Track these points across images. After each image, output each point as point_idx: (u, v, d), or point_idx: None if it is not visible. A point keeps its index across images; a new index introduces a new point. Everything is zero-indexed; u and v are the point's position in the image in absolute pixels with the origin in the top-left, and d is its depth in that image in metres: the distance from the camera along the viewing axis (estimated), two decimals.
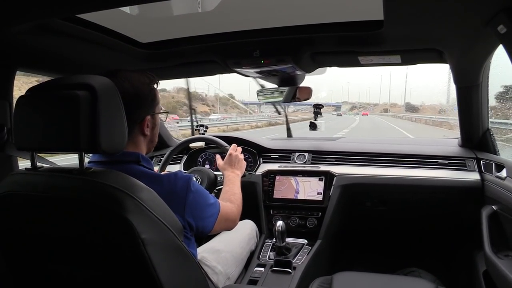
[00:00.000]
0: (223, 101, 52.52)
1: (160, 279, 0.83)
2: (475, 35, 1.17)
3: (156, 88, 1.10)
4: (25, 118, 0.87)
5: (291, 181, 2.00)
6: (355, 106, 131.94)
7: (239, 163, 1.55)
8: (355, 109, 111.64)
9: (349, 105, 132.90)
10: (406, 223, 2.11)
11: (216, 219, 1.12)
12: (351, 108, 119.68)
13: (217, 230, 1.16)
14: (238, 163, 1.54)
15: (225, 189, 1.38)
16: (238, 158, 1.56)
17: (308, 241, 1.84)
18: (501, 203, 1.49)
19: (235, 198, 1.32)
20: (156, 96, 1.09)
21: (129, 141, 1.02)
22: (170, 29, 1.43)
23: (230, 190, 1.37)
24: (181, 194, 1.01)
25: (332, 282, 1.28)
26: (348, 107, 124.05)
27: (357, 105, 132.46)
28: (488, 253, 1.41)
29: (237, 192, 1.37)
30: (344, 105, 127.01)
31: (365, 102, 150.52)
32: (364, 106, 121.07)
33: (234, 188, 1.38)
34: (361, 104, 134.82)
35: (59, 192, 0.84)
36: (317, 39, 1.40)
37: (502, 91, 3.59)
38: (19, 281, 1.01)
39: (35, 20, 1.03)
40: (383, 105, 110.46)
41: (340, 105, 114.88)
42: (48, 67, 1.52)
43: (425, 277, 1.99)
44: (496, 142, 1.81)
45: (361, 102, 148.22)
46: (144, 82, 1.05)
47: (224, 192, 1.37)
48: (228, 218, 1.19)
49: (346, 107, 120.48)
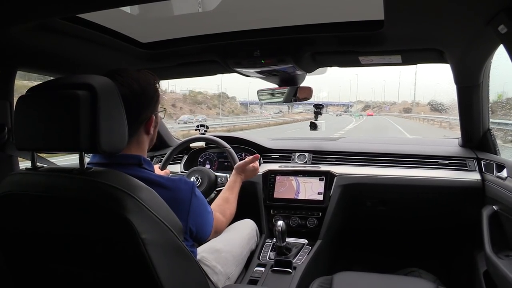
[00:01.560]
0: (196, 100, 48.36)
1: (160, 278, 0.83)
2: (476, 35, 1.17)
3: (158, 88, 1.11)
4: (26, 118, 0.87)
5: (292, 181, 2.00)
6: (368, 105, 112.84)
7: (251, 172, 1.63)
8: (368, 109, 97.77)
9: (362, 104, 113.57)
10: (407, 223, 2.10)
11: (212, 228, 1.16)
12: (364, 108, 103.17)
13: (208, 239, 1.19)
14: (251, 172, 1.63)
15: (222, 196, 1.44)
16: (255, 167, 1.64)
17: (308, 241, 1.84)
18: (502, 203, 1.49)
19: (230, 212, 1.37)
20: (159, 96, 1.10)
21: (133, 141, 1.03)
22: (171, 29, 1.43)
23: (227, 200, 1.42)
24: (185, 200, 1.02)
25: (332, 282, 1.28)
26: (360, 107, 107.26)
27: (371, 104, 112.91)
28: (489, 253, 1.41)
29: (233, 203, 1.43)
30: (358, 104, 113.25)
31: (381, 101, 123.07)
32: (380, 106, 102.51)
33: (231, 199, 1.44)
34: (376, 103, 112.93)
35: (59, 192, 0.84)
36: (317, 39, 1.40)
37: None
38: (19, 281, 1.01)
39: (36, 20, 1.04)
40: (403, 104, 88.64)
41: (351, 104, 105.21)
42: (49, 67, 1.52)
43: (426, 277, 1.99)
44: (496, 142, 1.81)
45: (376, 101, 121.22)
46: (150, 83, 1.05)
47: (221, 198, 1.42)
48: (216, 230, 1.24)
49: (359, 107, 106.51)
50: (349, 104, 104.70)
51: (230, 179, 1.55)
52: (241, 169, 1.59)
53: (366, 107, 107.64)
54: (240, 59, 1.54)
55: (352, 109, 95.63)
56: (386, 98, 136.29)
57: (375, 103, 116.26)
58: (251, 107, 64.90)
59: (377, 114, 68.91)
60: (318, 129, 2.18)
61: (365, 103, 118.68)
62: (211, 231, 1.14)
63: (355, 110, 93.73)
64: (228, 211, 1.36)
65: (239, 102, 68.20)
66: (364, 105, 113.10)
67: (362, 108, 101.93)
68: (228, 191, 1.46)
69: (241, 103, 68.09)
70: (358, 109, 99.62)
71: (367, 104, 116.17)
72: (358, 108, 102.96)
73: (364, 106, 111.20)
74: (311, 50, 1.48)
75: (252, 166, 1.62)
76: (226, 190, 1.47)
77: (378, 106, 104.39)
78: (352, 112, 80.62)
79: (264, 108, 60.53)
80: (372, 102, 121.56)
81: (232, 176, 1.56)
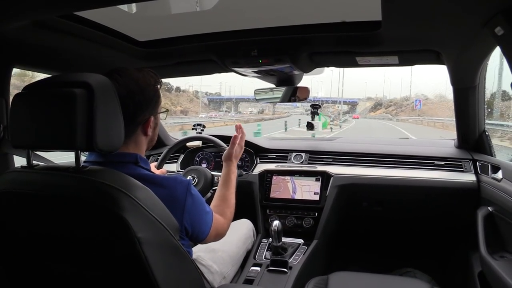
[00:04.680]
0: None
1: (156, 278, 0.83)
2: (473, 37, 1.17)
3: (159, 89, 1.08)
4: (22, 115, 0.86)
5: (288, 181, 2.00)
6: (379, 103, 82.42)
7: (240, 152, 1.46)
8: (381, 109, 71.83)
9: (372, 102, 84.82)
10: (402, 223, 2.11)
11: (210, 229, 1.11)
12: (374, 107, 77.72)
13: (208, 240, 1.14)
14: (239, 152, 1.46)
15: (218, 194, 1.32)
16: (240, 144, 1.46)
17: (304, 241, 1.84)
18: (497, 205, 1.50)
19: (230, 211, 1.27)
20: (160, 97, 1.08)
21: (131, 141, 1.02)
22: (168, 27, 1.43)
23: (225, 199, 1.30)
24: (180, 199, 1.00)
25: (328, 282, 1.28)
26: (369, 106, 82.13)
27: (384, 102, 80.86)
28: (484, 254, 1.42)
29: (232, 201, 1.31)
30: (367, 102, 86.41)
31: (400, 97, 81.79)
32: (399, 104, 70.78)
33: (229, 196, 1.32)
34: (393, 102, 77.62)
35: (55, 190, 0.84)
36: (315, 39, 1.40)
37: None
38: (14, 280, 1.01)
39: (33, 17, 1.03)
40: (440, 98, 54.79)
41: (356, 101, 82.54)
42: (45, 64, 1.52)
43: (421, 277, 2.00)
44: (492, 143, 1.82)
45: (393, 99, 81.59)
46: (149, 84, 1.03)
47: (217, 198, 1.31)
48: (218, 233, 1.18)
49: (367, 105, 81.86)
50: (354, 101, 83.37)
51: (223, 172, 1.39)
52: (228, 156, 1.42)
53: (376, 106, 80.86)
54: (238, 59, 1.54)
55: (357, 109, 79.18)
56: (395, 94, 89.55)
57: (391, 101, 78.60)
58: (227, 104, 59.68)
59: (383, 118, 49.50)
60: (315, 129, 2.19)
61: (376, 100, 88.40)
62: (208, 231, 1.11)
63: (361, 109, 76.05)
64: (228, 210, 1.27)
65: (207, 98, 59.68)
66: (375, 102, 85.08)
67: (371, 108, 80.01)
68: (223, 188, 1.33)
69: (210, 99, 60.57)
70: (365, 108, 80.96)
71: (378, 101, 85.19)
72: (366, 106, 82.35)
73: (374, 104, 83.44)
74: (309, 50, 1.48)
75: (238, 146, 1.44)
76: (221, 186, 1.34)
77: (396, 104, 71.75)
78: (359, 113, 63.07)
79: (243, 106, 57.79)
80: (387, 99, 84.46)
81: (224, 168, 1.39)
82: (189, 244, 1.09)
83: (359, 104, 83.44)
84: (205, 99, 57.65)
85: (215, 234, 1.15)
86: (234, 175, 1.39)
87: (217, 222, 1.16)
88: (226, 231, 1.23)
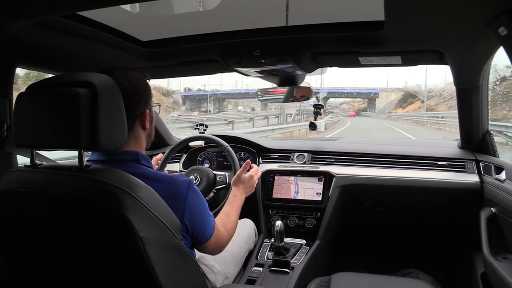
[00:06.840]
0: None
1: (158, 277, 0.83)
2: (476, 37, 1.17)
3: (148, 82, 1.11)
4: (25, 115, 0.87)
5: (290, 181, 2.00)
6: (414, 95, 47.34)
7: (252, 185, 1.55)
8: (416, 103, 45.11)
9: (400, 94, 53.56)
10: (405, 224, 2.11)
11: (212, 233, 1.12)
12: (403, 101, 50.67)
13: (208, 247, 1.14)
14: (252, 185, 1.54)
15: (224, 210, 1.36)
16: (254, 180, 1.55)
17: (306, 241, 1.84)
18: (500, 206, 1.49)
19: (231, 226, 1.29)
20: (150, 90, 1.10)
21: (131, 137, 1.03)
22: (171, 27, 1.43)
23: (228, 214, 1.34)
24: (181, 195, 1.01)
25: (330, 283, 1.28)
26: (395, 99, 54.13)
27: (419, 94, 44.01)
28: (487, 256, 1.41)
29: (234, 218, 1.35)
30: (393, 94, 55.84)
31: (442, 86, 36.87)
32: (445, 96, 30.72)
33: (232, 213, 1.35)
34: (435, 92, 37.33)
35: (58, 189, 0.84)
36: (317, 39, 1.40)
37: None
38: (17, 279, 1.01)
39: (36, 17, 1.03)
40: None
41: (376, 92, 55.57)
42: (48, 64, 1.52)
43: (423, 278, 1.99)
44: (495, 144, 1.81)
45: (432, 89, 40.61)
46: (139, 78, 1.06)
47: (222, 213, 1.34)
48: (218, 242, 1.18)
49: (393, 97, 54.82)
50: (373, 92, 56.23)
51: (230, 194, 1.46)
52: (236, 181, 1.50)
53: (408, 98, 49.87)
54: (240, 59, 1.53)
55: (378, 102, 56.46)
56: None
57: (432, 91, 41.11)
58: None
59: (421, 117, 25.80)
60: (317, 129, 2.18)
61: (407, 91, 50.63)
62: (210, 235, 1.11)
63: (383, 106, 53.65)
64: (229, 224, 1.29)
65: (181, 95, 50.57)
66: (404, 93, 52.11)
67: (397, 103, 52.84)
68: (228, 206, 1.39)
69: (185, 95, 51.74)
70: (391, 101, 53.73)
71: (409, 92, 49.41)
72: (391, 99, 54.76)
73: (404, 96, 51.92)
74: (311, 50, 1.48)
75: (248, 175, 1.53)
76: (227, 204, 1.40)
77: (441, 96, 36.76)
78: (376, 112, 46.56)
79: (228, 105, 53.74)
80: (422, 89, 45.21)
81: (232, 191, 1.47)
82: (192, 245, 1.09)
83: (380, 97, 57.36)
84: (179, 95, 49.58)
85: (215, 242, 1.15)
86: (239, 198, 1.44)
87: (218, 231, 1.17)
88: (226, 243, 1.24)
